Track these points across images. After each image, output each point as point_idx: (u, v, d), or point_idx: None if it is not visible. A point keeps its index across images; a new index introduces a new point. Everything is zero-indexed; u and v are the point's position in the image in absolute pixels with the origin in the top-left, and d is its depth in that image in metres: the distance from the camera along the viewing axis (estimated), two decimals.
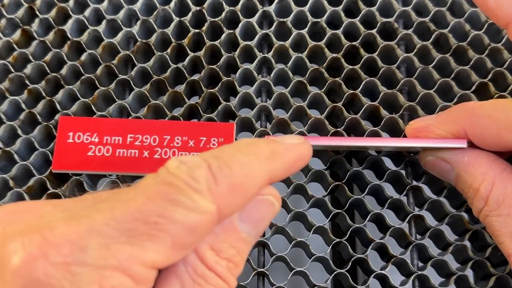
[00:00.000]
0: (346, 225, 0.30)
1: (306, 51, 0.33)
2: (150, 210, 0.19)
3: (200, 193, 0.19)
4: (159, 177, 0.20)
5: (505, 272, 0.28)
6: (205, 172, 0.20)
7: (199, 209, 0.19)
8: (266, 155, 0.22)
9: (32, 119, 0.32)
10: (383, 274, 0.29)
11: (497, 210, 0.25)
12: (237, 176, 0.20)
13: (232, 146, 0.21)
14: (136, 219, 0.19)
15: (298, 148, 0.23)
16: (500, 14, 0.26)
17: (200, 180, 0.19)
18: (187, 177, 0.19)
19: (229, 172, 0.20)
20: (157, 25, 0.34)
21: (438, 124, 0.27)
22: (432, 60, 0.32)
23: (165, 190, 0.19)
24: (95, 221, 0.19)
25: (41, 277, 0.18)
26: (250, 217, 0.21)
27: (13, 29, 0.34)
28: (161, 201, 0.19)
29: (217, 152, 0.21)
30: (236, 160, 0.20)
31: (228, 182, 0.20)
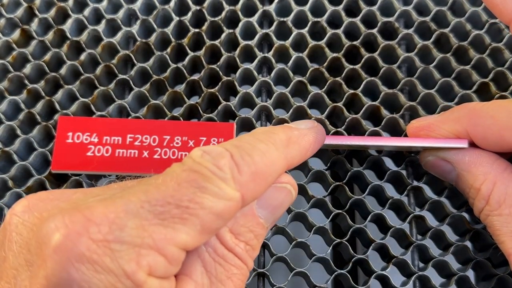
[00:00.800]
0: (346, 226, 0.30)
1: (307, 51, 0.33)
2: (182, 195, 0.20)
3: (226, 181, 0.21)
4: (186, 166, 0.21)
5: (506, 272, 0.28)
6: (228, 161, 0.21)
7: (226, 196, 0.20)
8: (283, 142, 0.23)
9: (31, 119, 0.32)
10: (383, 275, 0.29)
11: (498, 210, 0.25)
12: (258, 165, 0.21)
13: (251, 134, 0.23)
14: (168, 203, 0.20)
15: (312, 132, 0.25)
16: (504, 10, 0.26)
17: (225, 169, 0.21)
18: (212, 166, 0.21)
19: (251, 160, 0.21)
20: (156, 24, 0.33)
21: (440, 124, 0.27)
22: (433, 60, 0.32)
23: (194, 177, 0.20)
24: (131, 202, 0.20)
25: (84, 252, 0.19)
26: (268, 203, 0.23)
27: (12, 29, 0.33)
28: (191, 188, 0.20)
29: (237, 141, 0.22)
30: (256, 149, 0.22)
31: (250, 171, 0.21)
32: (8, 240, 0.21)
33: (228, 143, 0.22)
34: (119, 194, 0.20)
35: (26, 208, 0.21)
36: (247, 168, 0.21)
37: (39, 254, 0.20)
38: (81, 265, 0.19)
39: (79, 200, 0.21)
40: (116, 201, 0.20)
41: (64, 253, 0.19)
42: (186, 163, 0.21)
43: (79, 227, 0.19)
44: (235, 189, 0.21)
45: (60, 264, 0.19)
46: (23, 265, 0.20)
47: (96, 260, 0.19)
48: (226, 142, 0.22)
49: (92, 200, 0.21)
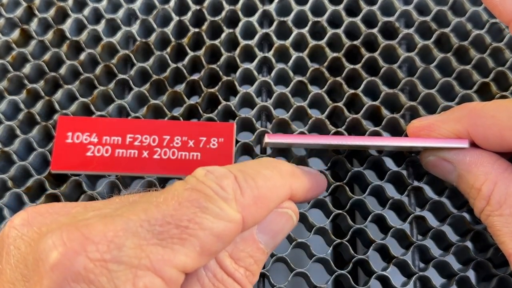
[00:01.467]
0: (347, 226, 0.30)
1: (307, 51, 0.33)
2: (182, 215, 0.20)
3: (227, 201, 0.20)
4: (189, 184, 0.20)
5: (507, 273, 0.28)
6: (232, 182, 0.21)
7: (226, 217, 0.20)
8: (288, 172, 0.23)
9: (31, 119, 0.31)
10: (384, 275, 0.29)
11: (499, 210, 0.25)
12: (261, 188, 0.21)
13: (256, 161, 0.23)
14: (168, 222, 0.19)
15: (315, 174, 0.25)
16: (503, 10, 0.26)
17: (227, 189, 0.21)
18: (215, 185, 0.20)
19: (254, 184, 0.21)
20: (156, 24, 0.33)
21: (440, 124, 0.27)
22: (434, 60, 0.32)
23: (195, 196, 0.20)
24: (130, 221, 0.19)
25: (80, 271, 0.19)
26: (269, 228, 0.23)
27: (12, 29, 0.33)
28: (191, 207, 0.20)
29: (242, 166, 0.22)
30: (260, 173, 0.22)
31: (253, 194, 0.21)
32: (6, 253, 0.21)
33: (233, 167, 0.22)
34: (119, 211, 0.20)
35: (25, 221, 0.21)
36: (250, 191, 0.21)
37: (36, 271, 0.19)
38: (77, 285, 0.19)
39: (78, 215, 0.21)
40: (115, 219, 0.19)
41: (61, 272, 0.19)
42: (189, 182, 0.21)
43: (77, 245, 0.19)
44: (236, 211, 0.20)
45: (56, 283, 0.19)
46: (19, 280, 0.20)
47: (92, 279, 0.19)
48: (231, 166, 0.22)
49: (92, 215, 0.20)
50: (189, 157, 0.29)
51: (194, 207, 0.20)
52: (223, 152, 0.30)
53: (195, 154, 0.30)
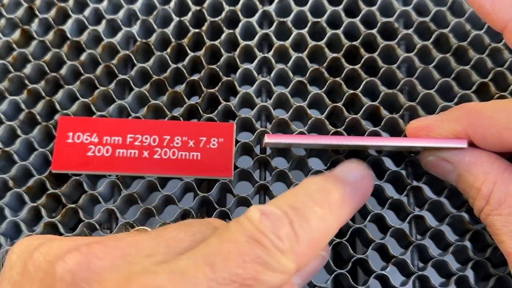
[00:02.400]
0: (346, 226, 0.30)
1: (306, 51, 0.33)
2: (246, 273, 0.19)
3: (284, 253, 0.20)
4: (246, 231, 0.20)
5: (506, 272, 0.28)
6: (288, 231, 0.20)
7: (283, 270, 0.20)
8: (338, 204, 0.22)
9: (32, 119, 0.32)
10: (383, 275, 0.29)
11: (498, 210, 0.25)
12: (315, 233, 0.21)
13: (306, 194, 0.22)
14: (233, 281, 0.19)
15: (364, 185, 0.24)
16: (496, 18, 0.26)
17: (284, 239, 0.20)
18: (273, 236, 0.20)
19: (309, 229, 0.21)
20: (157, 25, 0.34)
21: (439, 124, 0.27)
22: (433, 60, 0.32)
23: (257, 252, 0.20)
24: (198, 280, 0.19)
25: None
26: (306, 273, 0.23)
27: (13, 29, 0.34)
28: (255, 264, 0.20)
29: (293, 200, 0.21)
30: (313, 213, 0.21)
31: (307, 240, 0.21)
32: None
33: (284, 203, 0.21)
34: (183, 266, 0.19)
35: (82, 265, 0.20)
36: (305, 238, 0.21)
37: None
38: None
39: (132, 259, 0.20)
40: (184, 277, 0.19)
41: None
42: (245, 227, 0.20)
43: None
44: (292, 261, 0.20)
45: None
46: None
47: None
48: (281, 200, 0.21)
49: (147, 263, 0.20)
50: (189, 157, 0.30)
51: (256, 263, 0.20)
52: (223, 152, 0.30)
53: (195, 154, 0.30)
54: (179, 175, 0.30)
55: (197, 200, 0.30)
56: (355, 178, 0.24)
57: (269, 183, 0.31)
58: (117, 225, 0.30)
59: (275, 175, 0.31)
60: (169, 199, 0.30)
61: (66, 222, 0.31)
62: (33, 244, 0.22)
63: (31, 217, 0.30)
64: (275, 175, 0.31)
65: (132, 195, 0.30)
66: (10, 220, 0.30)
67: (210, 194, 0.30)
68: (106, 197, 0.31)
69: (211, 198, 0.30)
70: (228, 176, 0.29)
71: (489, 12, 0.26)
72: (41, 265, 0.21)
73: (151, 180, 0.30)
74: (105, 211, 0.30)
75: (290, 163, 0.31)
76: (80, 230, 0.30)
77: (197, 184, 0.31)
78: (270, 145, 0.29)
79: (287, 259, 0.20)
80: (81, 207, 0.30)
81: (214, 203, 0.30)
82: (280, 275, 0.20)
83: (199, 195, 0.30)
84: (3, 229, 0.30)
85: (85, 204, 0.31)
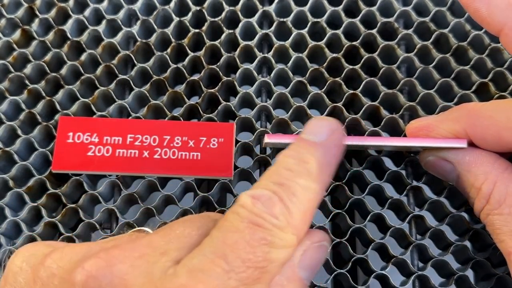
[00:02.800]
0: (346, 225, 0.30)
1: (306, 51, 0.33)
2: (257, 257, 0.21)
3: (283, 229, 0.21)
4: (243, 218, 0.21)
5: (505, 272, 0.28)
6: (280, 208, 0.21)
7: (287, 244, 0.21)
8: (317, 170, 0.23)
9: (32, 119, 0.32)
10: (383, 274, 0.29)
11: (498, 209, 0.25)
12: (304, 202, 0.22)
13: (285, 168, 0.23)
14: (248, 266, 0.20)
15: (335, 140, 0.24)
16: (492, 21, 0.26)
17: (280, 216, 0.21)
18: (269, 217, 0.21)
19: (297, 200, 0.22)
20: (157, 25, 0.34)
21: (439, 124, 0.27)
22: (433, 60, 0.32)
23: (260, 234, 0.21)
24: (217, 274, 0.20)
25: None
26: (310, 265, 0.23)
27: (13, 29, 0.34)
28: (262, 246, 0.21)
29: (276, 177, 0.22)
30: (297, 185, 0.22)
31: (299, 211, 0.22)
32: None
33: (269, 182, 0.22)
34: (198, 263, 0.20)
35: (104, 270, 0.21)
36: (296, 210, 0.22)
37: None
38: None
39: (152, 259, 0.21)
40: (203, 274, 0.20)
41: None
42: (241, 214, 0.21)
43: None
44: (292, 234, 0.21)
45: None
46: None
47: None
48: (266, 180, 0.22)
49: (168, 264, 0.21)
50: (189, 157, 0.30)
51: (262, 245, 0.21)
52: (223, 152, 0.30)
53: (195, 154, 0.30)
54: (179, 175, 0.30)
55: (197, 200, 0.30)
56: (324, 136, 0.24)
57: None
58: (117, 225, 0.30)
59: None
60: (169, 199, 0.30)
61: (66, 222, 0.31)
62: (40, 250, 0.23)
63: (31, 217, 0.31)
64: None
65: (132, 195, 0.30)
66: (10, 220, 0.30)
67: (210, 194, 0.30)
68: (106, 197, 0.31)
69: (211, 198, 0.30)
70: (228, 176, 0.30)
71: (484, 16, 0.26)
72: (55, 272, 0.21)
73: (151, 180, 0.30)
74: (105, 211, 0.30)
75: None
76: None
77: (197, 184, 0.31)
78: (270, 145, 0.29)
79: (287, 233, 0.21)
80: (81, 207, 0.30)
81: (214, 203, 0.30)
82: (285, 249, 0.21)
83: (199, 195, 0.30)
84: (3, 229, 0.30)
85: (85, 204, 0.31)
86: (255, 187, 0.22)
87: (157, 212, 0.30)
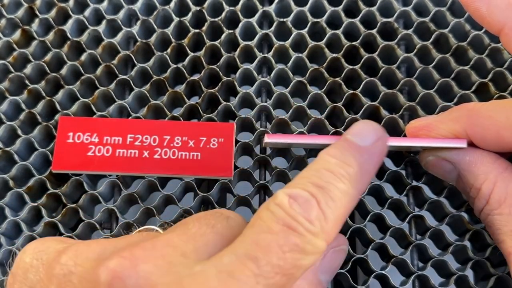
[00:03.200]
0: (346, 225, 0.30)
1: (306, 51, 0.33)
2: (287, 263, 0.20)
3: (316, 235, 0.21)
4: (278, 218, 0.21)
5: (505, 272, 0.28)
6: (317, 212, 0.21)
7: (317, 251, 0.21)
8: (357, 176, 0.22)
9: (32, 119, 0.32)
10: (383, 274, 0.29)
11: (498, 209, 0.25)
12: (340, 208, 0.22)
13: (327, 169, 0.22)
14: (277, 273, 0.20)
15: (379, 147, 0.24)
16: (492, 21, 0.26)
17: (315, 222, 0.21)
18: (304, 221, 0.21)
19: (335, 206, 0.21)
20: (157, 25, 0.34)
21: (439, 124, 0.27)
22: (432, 60, 0.32)
23: (292, 239, 0.20)
24: (247, 278, 0.20)
25: None
26: (331, 269, 0.23)
27: (13, 29, 0.34)
28: (293, 253, 0.20)
29: (317, 179, 0.22)
30: (337, 190, 0.22)
31: (334, 217, 0.21)
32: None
33: (309, 182, 0.22)
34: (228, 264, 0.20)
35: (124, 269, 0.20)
36: (332, 216, 0.21)
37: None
38: None
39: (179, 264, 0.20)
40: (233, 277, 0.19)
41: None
42: (277, 214, 0.21)
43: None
44: (323, 240, 0.21)
45: None
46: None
47: None
48: (305, 179, 0.22)
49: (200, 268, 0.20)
50: (189, 157, 0.30)
51: (294, 251, 0.20)
52: (223, 152, 0.30)
53: (195, 154, 0.30)
54: (179, 175, 0.30)
55: (197, 200, 0.30)
56: (370, 141, 0.23)
57: (269, 183, 0.31)
58: (117, 225, 0.30)
59: (275, 175, 0.31)
60: (169, 199, 0.30)
61: (66, 222, 0.31)
62: (51, 246, 0.22)
63: (31, 217, 0.31)
64: (275, 175, 0.31)
65: (132, 195, 0.30)
66: (11, 220, 0.30)
67: (210, 194, 0.30)
68: (106, 197, 0.31)
69: (211, 198, 0.30)
70: (228, 176, 0.30)
71: (485, 16, 0.26)
72: (73, 270, 0.21)
73: (151, 180, 0.30)
74: (105, 211, 0.30)
75: (290, 163, 0.31)
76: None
77: (197, 184, 0.31)
78: (270, 145, 0.29)
79: (319, 240, 0.21)
80: (81, 207, 0.30)
81: (214, 203, 0.30)
82: (314, 256, 0.21)
83: (199, 195, 0.30)
84: (3, 229, 0.30)
85: (85, 204, 0.31)
86: (293, 185, 0.22)
87: (157, 212, 0.30)
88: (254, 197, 0.31)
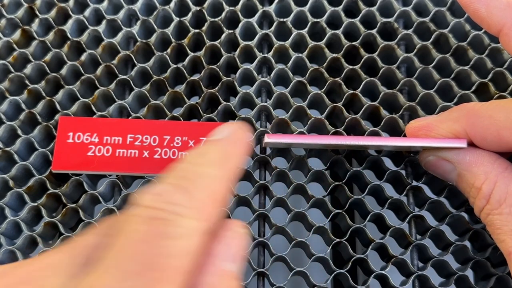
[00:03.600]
0: (346, 225, 0.30)
1: (306, 51, 0.33)
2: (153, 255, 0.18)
3: (183, 214, 0.19)
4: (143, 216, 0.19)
5: (505, 272, 0.28)
6: (180, 193, 0.19)
7: (189, 232, 0.19)
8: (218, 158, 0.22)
9: (32, 119, 0.32)
10: (383, 274, 0.29)
11: (498, 209, 0.25)
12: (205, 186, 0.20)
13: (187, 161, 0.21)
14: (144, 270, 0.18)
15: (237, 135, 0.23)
16: (491, 22, 0.26)
17: (179, 202, 0.19)
18: (167, 205, 0.19)
19: (198, 185, 0.20)
20: (157, 25, 0.34)
21: (439, 124, 0.27)
22: (432, 60, 0.32)
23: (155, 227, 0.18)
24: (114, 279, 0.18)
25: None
26: (232, 255, 0.21)
27: (13, 29, 0.34)
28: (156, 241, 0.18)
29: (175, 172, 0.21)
30: (196, 173, 0.21)
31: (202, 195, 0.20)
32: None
33: (168, 177, 0.20)
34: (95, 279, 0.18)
35: None
36: (200, 194, 0.20)
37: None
38: None
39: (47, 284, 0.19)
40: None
41: None
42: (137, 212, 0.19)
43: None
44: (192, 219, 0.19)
45: None
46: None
47: None
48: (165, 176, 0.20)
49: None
50: None
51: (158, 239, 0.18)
52: None
53: None
54: None
55: None
56: (225, 134, 0.23)
57: (269, 183, 0.31)
58: None
59: (275, 175, 0.31)
60: None
61: (66, 222, 0.31)
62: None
63: (31, 217, 0.31)
64: (275, 175, 0.31)
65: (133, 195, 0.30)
66: (11, 220, 0.30)
67: None
68: (106, 197, 0.31)
69: None
70: None
71: (484, 17, 0.26)
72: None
73: (151, 180, 0.30)
74: (105, 211, 0.30)
75: (290, 163, 0.31)
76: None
77: None
78: (270, 145, 0.29)
79: (186, 218, 0.19)
80: (81, 207, 0.30)
81: None
82: (186, 238, 0.19)
83: None
84: (3, 229, 0.30)
85: (86, 204, 0.31)
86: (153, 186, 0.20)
87: None
88: (254, 197, 0.31)
